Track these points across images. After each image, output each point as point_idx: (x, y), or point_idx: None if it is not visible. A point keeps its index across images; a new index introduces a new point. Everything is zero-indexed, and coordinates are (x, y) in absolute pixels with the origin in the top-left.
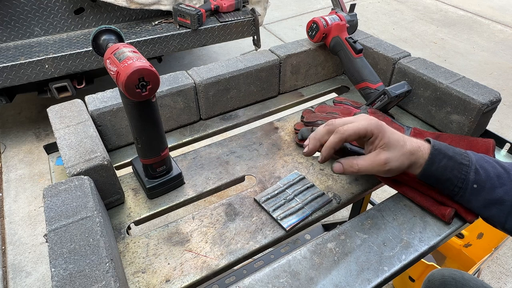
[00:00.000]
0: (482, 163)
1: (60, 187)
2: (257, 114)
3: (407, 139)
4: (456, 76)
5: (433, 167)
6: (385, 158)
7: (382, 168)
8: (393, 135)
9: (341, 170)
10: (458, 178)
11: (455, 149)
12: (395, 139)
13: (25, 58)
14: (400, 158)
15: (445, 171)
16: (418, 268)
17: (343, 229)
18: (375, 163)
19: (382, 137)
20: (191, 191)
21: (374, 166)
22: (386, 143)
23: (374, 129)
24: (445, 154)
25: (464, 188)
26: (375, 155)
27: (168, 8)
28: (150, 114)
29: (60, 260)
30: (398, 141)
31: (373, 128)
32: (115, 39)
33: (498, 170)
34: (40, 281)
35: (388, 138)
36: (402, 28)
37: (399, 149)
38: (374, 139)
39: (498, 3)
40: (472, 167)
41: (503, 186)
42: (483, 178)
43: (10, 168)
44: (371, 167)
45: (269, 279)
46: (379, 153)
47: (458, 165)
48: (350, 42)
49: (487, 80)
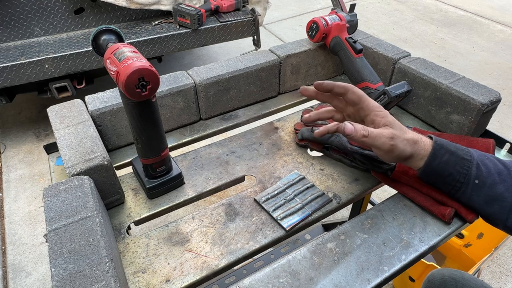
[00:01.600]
0: (483, 159)
1: (60, 187)
2: (257, 114)
3: (408, 130)
4: (456, 76)
5: (435, 162)
6: (392, 133)
7: (389, 142)
8: (395, 121)
9: (352, 130)
10: (460, 173)
11: (456, 145)
12: (398, 123)
13: (25, 58)
14: (403, 141)
15: (447, 166)
16: (418, 268)
17: (343, 229)
18: (383, 133)
19: (386, 115)
20: (191, 191)
21: (382, 137)
22: (390, 121)
23: (378, 111)
24: (447, 149)
25: (466, 183)
26: (383, 128)
27: (168, 8)
28: (150, 114)
29: (60, 260)
30: (401, 126)
31: (377, 109)
32: (115, 39)
33: (499, 167)
34: (40, 281)
35: (393, 121)
36: (402, 28)
37: (403, 132)
38: (376, 115)
39: (498, 3)
40: (473, 162)
41: (504, 183)
42: (484, 174)
43: (10, 168)
44: (379, 137)
45: (269, 279)
46: (388, 127)
47: (460, 160)
48: (350, 42)
49: (487, 80)
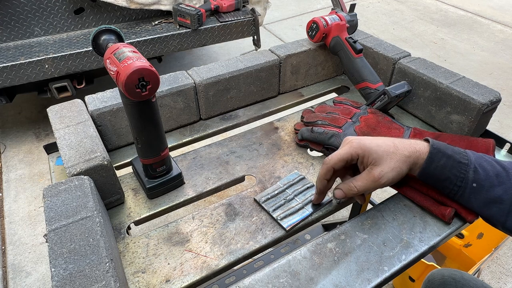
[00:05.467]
0: (481, 162)
1: (60, 187)
2: (257, 114)
3: (398, 143)
4: (456, 76)
5: (432, 166)
6: (378, 173)
7: (378, 183)
8: (380, 148)
9: (343, 195)
10: (457, 177)
11: (454, 148)
12: (383, 150)
13: (25, 58)
14: (395, 166)
15: (444, 170)
16: (418, 268)
17: (343, 229)
18: (369, 180)
19: (369, 154)
20: (191, 191)
21: (370, 184)
22: (374, 158)
23: (358, 151)
24: (444, 153)
25: (464, 187)
26: (367, 173)
27: (168, 8)
28: (150, 114)
29: (60, 260)
30: (387, 152)
31: (356, 150)
32: (115, 39)
33: (497, 169)
34: (40, 281)
35: (375, 153)
36: (402, 28)
37: (390, 159)
38: (361, 159)
39: (498, 3)
40: (471, 166)
41: (502, 185)
42: (482, 177)
43: (10, 168)
44: (368, 185)
45: (269, 279)
46: (371, 169)
47: (457, 164)
48: (350, 42)
49: (487, 80)
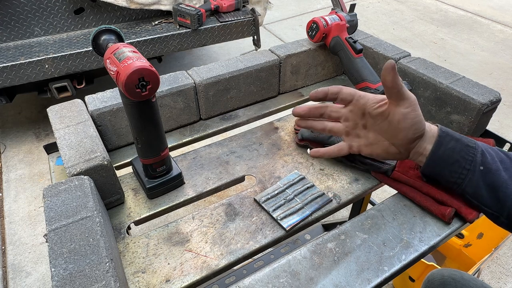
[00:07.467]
0: (486, 148)
1: (60, 187)
2: (257, 114)
3: None
4: (456, 76)
5: (441, 149)
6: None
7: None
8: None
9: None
10: (466, 160)
11: (461, 134)
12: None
13: (25, 58)
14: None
15: (453, 153)
16: (418, 268)
17: (343, 229)
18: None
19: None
20: (191, 191)
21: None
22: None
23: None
24: (452, 137)
25: (472, 170)
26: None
27: (168, 8)
28: (150, 114)
29: (60, 260)
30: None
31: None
32: (115, 39)
33: (501, 156)
34: (40, 281)
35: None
36: (402, 28)
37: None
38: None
39: (498, 3)
40: (478, 149)
41: (507, 171)
42: (489, 160)
43: (10, 168)
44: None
45: (269, 279)
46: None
47: (465, 147)
48: (350, 42)
49: (487, 80)
